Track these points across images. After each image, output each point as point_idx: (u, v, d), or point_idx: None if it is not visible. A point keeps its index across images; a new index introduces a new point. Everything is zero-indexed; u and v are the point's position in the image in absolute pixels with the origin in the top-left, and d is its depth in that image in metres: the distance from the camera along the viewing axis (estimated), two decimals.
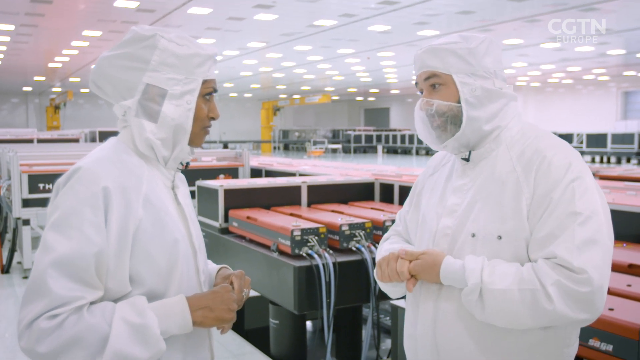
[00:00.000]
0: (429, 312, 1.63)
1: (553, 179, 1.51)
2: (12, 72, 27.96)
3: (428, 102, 1.64)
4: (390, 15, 15.83)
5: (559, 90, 37.44)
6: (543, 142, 1.59)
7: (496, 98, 1.62)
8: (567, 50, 22.11)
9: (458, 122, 1.62)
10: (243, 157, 7.19)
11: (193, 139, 1.52)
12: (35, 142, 13.42)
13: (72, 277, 1.28)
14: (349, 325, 4.25)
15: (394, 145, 38.39)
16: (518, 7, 14.85)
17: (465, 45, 1.61)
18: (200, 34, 18.60)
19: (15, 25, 16.93)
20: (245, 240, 4.20)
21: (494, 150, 1.63)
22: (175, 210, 1.51)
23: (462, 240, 1.60)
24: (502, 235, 1.53)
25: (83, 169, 1.36)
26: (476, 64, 1.61)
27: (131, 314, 1.30)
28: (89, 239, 1.30)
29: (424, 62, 1.65)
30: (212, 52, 1.53)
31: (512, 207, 1.54)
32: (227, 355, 4.08)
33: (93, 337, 1.26)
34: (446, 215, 1.66)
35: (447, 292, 1.60)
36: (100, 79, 1.47)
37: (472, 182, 1.64)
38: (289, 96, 42.59)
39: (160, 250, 1.40)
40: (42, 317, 1.26)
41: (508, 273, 1.47)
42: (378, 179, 4.96)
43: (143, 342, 1.30)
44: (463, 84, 1.60)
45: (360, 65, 26.80)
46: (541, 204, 1.50)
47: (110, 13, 15.44)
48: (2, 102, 39.83)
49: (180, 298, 1.40)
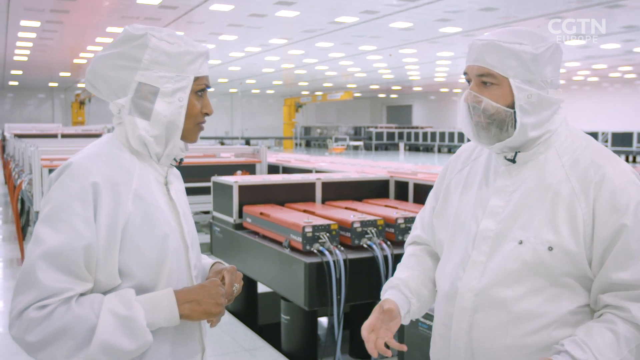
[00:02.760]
0: (466, 315, 1.58)
1: (620, 202, 1.45)
2: (39, 68, 28.41)
3: (476, 97, 1.54)
4: (412, 12, 15.74)
5: (585, 88, 36.90)
6: (599, 155, 1.54)
7: (548, 105, 1.55)
8: (592, 48, 21.78)
9: (504, 127, 1.53)
10: (260, 153, 7.22)
11: (186, 134, 1.54)
12: (59, 137, 13.64)
13: (61, 269, 1.31)
14: (362, 323, 4.24)
15: (416, 143, 38.21)
16: (542, 4, 14.66)
17: (530, 50, 1.50)
18: (222, 31, 18.70)
19: (41, 22, 17.19)
20: (258, 236, 4.23)
21: (542, 154, 1.56)
22: (167, 205, 1.52)
23: (506, 246, 1.53)
24: (553, 246, 1.47)
25: (74, 165, 1.39)
26: (537, 72, 1.51)
27: (118, 306, 1.33)
28: (78, 233, 1.33)
29: (481, 56, 1.53)
30: (204, 50, 1.54)
31: (567, 219, 1.48)
32: (238, 349, 4.11)
33: (81, 327, 1.29)
34: (487, 217, 1.58)
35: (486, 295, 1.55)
36: (95, 78, 1.50)
37: (516, 184, 1.57)
38: (311, 93, 42.62)
39: (149, 245, 1.42)
40: (32, 307, 1.29)
41: (611, 342, 1.42)
42: (393, 176, 4.95)
43: (130, 334, 1.32)
44: (519, 90, 1.51)
45: (382, 62, 26.70)
46: (609, 225, 1.45)
47: (134, 10, 15.60)
48: (28, 97, 40.50)
49: (168, 291, 1.41)
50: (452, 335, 1.62)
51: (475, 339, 1.56)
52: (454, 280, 1.62)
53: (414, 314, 1.72)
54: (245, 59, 25.21)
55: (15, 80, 34.26)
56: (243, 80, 34.47)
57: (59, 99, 41.15)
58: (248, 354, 4.06)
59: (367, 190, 4.88)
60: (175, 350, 1.49)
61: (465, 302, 1.58)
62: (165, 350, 1.46)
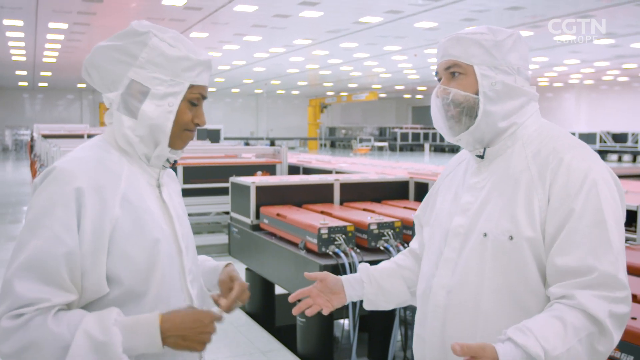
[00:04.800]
0: (439, 312, 1.58)
1: (572, 186, 1.43)
2: (67, 69, 28.83)
3: (445, 89, 1.58)
4: (437, 12, 15.58)
5: (614, 88, 36.22)
6: (560, 142, 1.52)
7: (516, 95, 1.55)
8: (622, 47, 21.35)
9: (473, 115, 1.55)
10: (281, 154, 7.19)
11: (173, 140, 1.47)
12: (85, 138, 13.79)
13: (39, 278, 1.27)
14: (381, 325, 4.19)
15: (441, 144, 37.93)
16: (572, 2, 14.39)
17: (491, 37, 1.55)
18: (247, 32, 18.76)
19: (68, 24, 17.43)
20: (275, 237, 4.19)
21: (509, 148, 1.57)
22: (159, 208, 1.47)
23: (473, 239, 1.53)
24: (513, 235, 1.46)
25: (57, 169, 1.34)
26: (500, 58, 1.54)
27: (96, 329, 1.27)
28: (58, 239, 1.28)
29: (446, 50, 1.59)
30: (205, 59, 1.48)
31: (524, 206, 1.47)
32: (254, 351, 4.08)
33: (54, 345, 1.25)
34: (459, 213, 1.60)
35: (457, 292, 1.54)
36: (91, 66, 1.47)
37: (486, 180, 1.58)
38: (336, 93, 42.57)
39: (138, 250, 1.37)
40: (5, 316, 1.26)
41: (557, 330, 1.34)
42: (413, 177, 4.88)
43: (102, 359, 1.26)
44: (483, 77, 1.54)
45: (407, 62, 26.53)
46: (560, 210, 1.42)
47: (159, 11, 15.72)
48: (57, 98, 41.16)
49: (154, 319, 1.33)
50: (426, 333, 1.62)
51: (448, 337, 1.56)
52: (429, 278, 1.64)
53: (369, 300, 1.78)
54: (270, 59, 25.24)
55: (45, 81, 34.87)
56: (268, 80, 34.55)
57: (87, 99, 41.73)
58: (263, 356, 4.02)
59: (387, 192, 4.82)
60: None
61: (438, 300, 1.59)
62: None
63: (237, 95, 45.15)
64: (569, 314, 1.35)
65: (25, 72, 30.01)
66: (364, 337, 4.37)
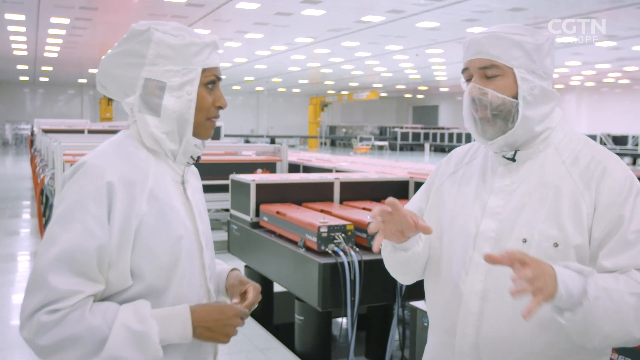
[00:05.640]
0: (471, 320, 1.54)
1: (619, 194, 1.46)
2: (68, 65, 28.83)
3: (481, 89, 1.52)
4: (439, 12, 15.59)
5: (615, 91, 36.23)
6: (598, 152, 1.54)
7: (549, 100, 1.55)
8: (623, 50, 21.35)
9: (509, 119, 1.51)
10: (281, 152, 7.20)
11: (198, 130, 1.48)
12: (86, 133, 13.77)
13: (72, 271, 1.29)
14: (379, 324, 4.20)
15: (442, 144, 37.91)
16: (574, 4, 14.39)
17: (532, 40, 1.51)
18: (249, 29, 18.77)
19: (70, 19, 17.44)
20: (274, 235, 4.20)
21: (542, 152, 1.56)
22: (183, 205, 1.49)
23: (510, 245, 1.50)
24: (559, 242, 1.46)
25: (88, 164, 1.36)
26: (539, 62, 1.52)
27: (133, 320, 1.31)
28: (91, 233, 1.30)
29: (483, 48, 1.52)
30: (210, 40, 1.49)
31: (571, 214, 1.47)
32: (252, 349, 4.09)
33: (92, 338, 1.28)
34: (488, 217, 1.55)
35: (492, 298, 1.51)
36: (105, 79, 1.48)
37: (517, 183, 1.55)
38: (337, 92, 42.56)
39: (162, 246, 1.39)
40: (42, 310, 1.28)
41: (610, 279, 1.38)
42: (413, 177, 4.89)
43: (140, 349, 1.30)
44: (523, 80, 1.50)
45: (408, 62, 26.53)
46: (608, 218, 1.45)
47: (161, 7, 15.73)
48: (58, 93, 41.16)
49: (185, 309, 1.38)
50: (456, 341, 1.57)
51: (483, 345, 1.51)
52: (457, 283, 1.57)
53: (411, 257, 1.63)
54: (271, 57, 25.25)
55: (46, 76, 34.84)
56: (269, 78, 34.55)
57: (88, 95, 41.72)
58: (261, 353, 4.03)
59: (387, 191, 4.81)
60: (189, 355, 1.46)
61: (470, 307, 1.54)
62: (179, 355, 1.43)
63: (238, 93, 45.14)
64: (622, 276, 1.39)
65: (27, 66, 30.00)
66: (362, 335, 4.38)
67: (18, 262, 7.06)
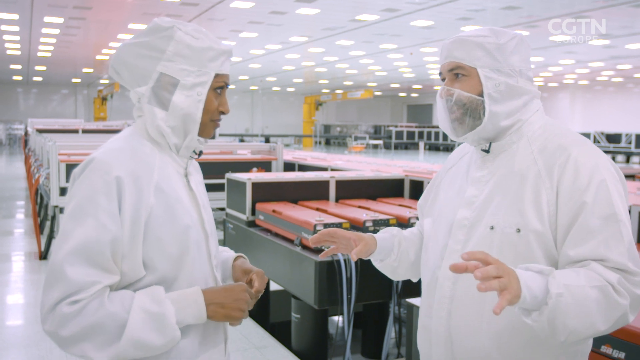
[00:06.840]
0: (445, 303, 1.62)
1: (582, 180, 1.47)
2: (62, 64, 28.72)
3: (448, 90, 1.62)
4: (434, 11, 15.62)
5: (609, 89, 36.36)
6: (566, 139, 1.57)
7: (518, 95, 1.60)
8: (617, 48, 21.42)
9: (477, 116, 1.59)
10: (277, 150, 7.20)
11: (202, 129, 1.55)
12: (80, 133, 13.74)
13: (89, 263, 1.34)
14: (375, 322, 4.22)
15: (436, 142, 37.99)
16: (567, 3, 14.45)
17: (494, 40, 1.59)
18: (243, 28, 18.74)
19: (64, 18, 17.36)
20: (270, 233, 4.21)
21: (515, 143, 1.61)
22: (188, 196, 1.54)
23: (479, 232, 1.58)
24: (520, 228, 1.51)
25: (96, 160, 1.41)
26: (503, 60, 1.59)
27: (149, 303, 1.36)
28: (104, 226, 1.35)
29: (450, 52, 1.63)
30: (227, 48, 1.55)
31: (531, 200, 1.52)
32: (248, 347, 4.09)
33: (112, 324, 1.33)
34: (464, 206, 1.64)
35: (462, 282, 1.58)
36: (119, 64, 1.53)
37: (491, 174, 1.63)
38: (331, 91, 42.55)
39: (171, 237, 1.44)
40: (64, 302, 1.33)
41: (570, 274, 1.39)
42: (408, 175, 4.90)
43: (159, 330, 1.36)
44: (487, 79, 1.58)
45: (403, 60, 26.55)
46: (570, 204, 1.47)
47: (155, 6, 15.68)
48: (52, 93, 41.01)
49: (197, 290, 1.44)
50: (432, 324, 1.66)
51: (454, 326, 1.60)
52: (434, 269, 1.68)
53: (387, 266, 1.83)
54: (266, 56, 25.22)
55: (40, 76, 34.72)
56: (263, 77, 34.52)
57: (81, 94, 41.60)
58: (258, 351, 4.04)
59: (382, 189, 4.83)
60: (203, 341, 1.51)
61: (444, 291, 1.63)
62: (194, 342, 1.49)
63: (232, 92, 45.08)
64: (583, 270, 1.41)
65: (20, 66, 29.87)
66: (358, 333, 4.40)
67: (13, 262, 7.04)
